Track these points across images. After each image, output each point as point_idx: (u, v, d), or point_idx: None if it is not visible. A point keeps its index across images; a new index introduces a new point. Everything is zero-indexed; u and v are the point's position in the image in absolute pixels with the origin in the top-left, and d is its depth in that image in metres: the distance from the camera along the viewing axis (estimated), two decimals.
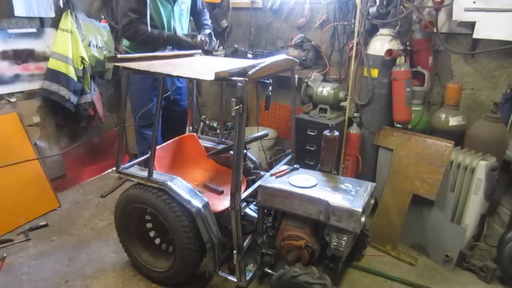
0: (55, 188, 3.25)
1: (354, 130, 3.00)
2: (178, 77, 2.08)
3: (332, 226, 1.93)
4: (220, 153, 2.52)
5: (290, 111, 3.21)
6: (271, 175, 2.23)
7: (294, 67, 2.43)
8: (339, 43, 3.32)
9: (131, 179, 2.25)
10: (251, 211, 2.33)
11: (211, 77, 1.72)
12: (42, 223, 2.96)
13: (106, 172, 3.85)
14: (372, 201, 2.18)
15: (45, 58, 3.16)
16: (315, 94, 3.05)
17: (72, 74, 3.13)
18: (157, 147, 2.35)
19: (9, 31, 2.93)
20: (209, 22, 3.11)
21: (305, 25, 3.44)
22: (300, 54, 3.29)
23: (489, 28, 2.50)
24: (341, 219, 1.88)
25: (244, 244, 2.10)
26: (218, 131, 3.29)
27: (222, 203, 2.26)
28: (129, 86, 2.69)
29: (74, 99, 3.18)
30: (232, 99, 1.79)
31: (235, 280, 2.11)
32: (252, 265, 2.23)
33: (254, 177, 2.43)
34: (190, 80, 3.50)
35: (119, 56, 2.10)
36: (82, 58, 3.17)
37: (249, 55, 3.58)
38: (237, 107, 1.79)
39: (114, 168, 2.33)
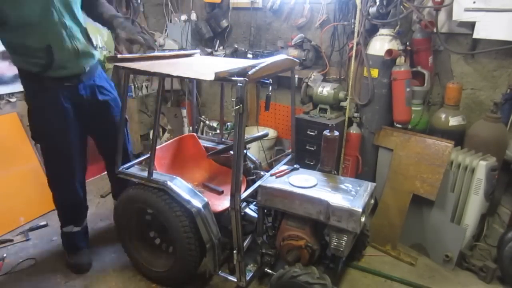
0: None
1: (354, 130, 3.00)
2: (178, 77, 2.01)
3: (332, 226, 1.92)
4: (220, 153, 2.52)
5: (290, 111, 3.21)
6: (271, 175, 2.23)
7: (294, 67, 2.43)
8: (339, 43, 3.32)
9: (131, 179, 2.25)
10: (251, 211, 2.33)
11: (211, 77, 1.72)
12: (42, 223, 2.96)
13: (106, 172, 3.84)
14: (372, 201, 2.18)
15: None
16: (315, 94, 3.05)
17: None
18: (157, 147, 2.35)
19: None
20: (113, 12, 2.27)
21: (305, 25, 3.44)
22: (300, 54, 3.29)
23: (489, 28, 2.50)
24: (341, 219, 1.88)
25: (244, 244, 2.10)
26: (218, 131, 3.28)
27: (222, 203, 2.26)
28: (31, 107, 2.14)
29: None
30: (232, 99, 1.79)
31: (235, 280, 2.11)
32: (252, 265, 2.23)
33: (254, 177, 2.43)
34: (190, 80, 3.51)
35: (119, 56, 2.09)
36: None
37: (249, 55, 3.58)
38: (237, 107, 1.79)
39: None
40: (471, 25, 2.60)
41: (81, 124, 2.26)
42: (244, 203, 2.09)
